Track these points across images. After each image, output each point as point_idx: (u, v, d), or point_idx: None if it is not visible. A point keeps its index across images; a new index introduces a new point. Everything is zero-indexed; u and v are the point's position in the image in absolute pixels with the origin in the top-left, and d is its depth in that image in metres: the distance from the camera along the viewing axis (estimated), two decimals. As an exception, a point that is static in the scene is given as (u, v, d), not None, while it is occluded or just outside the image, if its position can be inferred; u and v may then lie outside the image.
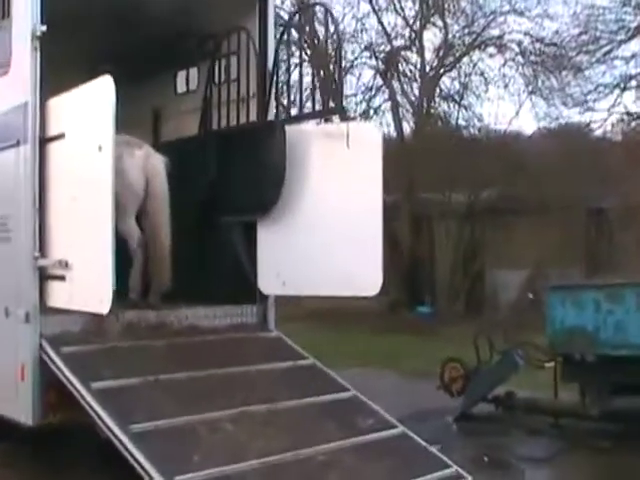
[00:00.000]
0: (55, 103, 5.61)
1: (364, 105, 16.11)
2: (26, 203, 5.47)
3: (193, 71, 7.64)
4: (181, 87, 7.76)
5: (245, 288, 6.71)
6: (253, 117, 6.77)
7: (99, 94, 5.12)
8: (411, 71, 15.83)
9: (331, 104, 6.49)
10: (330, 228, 6.32)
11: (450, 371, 7.75)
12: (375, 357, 11.30)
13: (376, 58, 15.54)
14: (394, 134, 16.27)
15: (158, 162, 6.30)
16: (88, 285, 5.15)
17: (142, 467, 4.42)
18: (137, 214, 6.26)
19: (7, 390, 5.66)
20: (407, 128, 16.19)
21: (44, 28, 5.47)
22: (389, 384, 9.28)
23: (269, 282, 6.66)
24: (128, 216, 6.16)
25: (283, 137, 6.38)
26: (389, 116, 16.33)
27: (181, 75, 7.74)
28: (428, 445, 5.49)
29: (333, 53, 6.22)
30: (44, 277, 5.49)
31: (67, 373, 5.16)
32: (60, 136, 5.44)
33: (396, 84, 15.55)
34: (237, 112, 6.83)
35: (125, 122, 7.71)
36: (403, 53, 15.79)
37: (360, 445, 5.26)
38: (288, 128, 6.46)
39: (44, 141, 5.53)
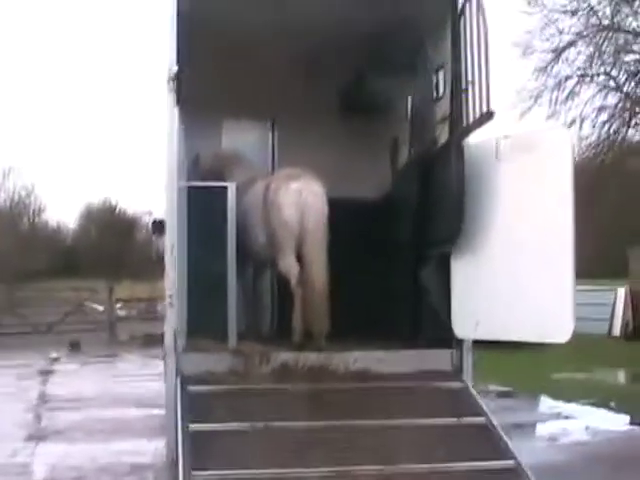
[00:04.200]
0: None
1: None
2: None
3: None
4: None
5: (437, 330, 5.96)
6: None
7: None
8: None
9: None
10: (520, 261, 5.37)
11: None
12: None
13: None
14: None
15: (313, 196, 5.92)
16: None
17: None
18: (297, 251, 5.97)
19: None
20: None
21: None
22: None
23: (463, 324, 5.83)
24: (286, 253, 5.90)
25: (459, 157, 5.58)
26: None
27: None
28: None
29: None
30: None
31: (178, 412, 5.11)
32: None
33: None
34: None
35: (361, 152, 7.64)
36: None
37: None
38: (470, 145, 5.66)
39: None
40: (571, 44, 13.69)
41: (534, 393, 12.37)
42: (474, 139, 5.72)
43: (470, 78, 5.48)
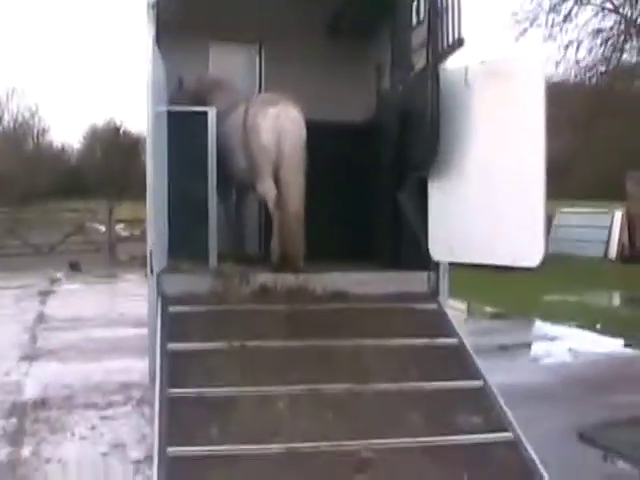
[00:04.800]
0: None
1: None
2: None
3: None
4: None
5: (415, 253, 6.06)
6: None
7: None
8: None
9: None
10: (493, 187, 5.46)
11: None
12: None
13: None
14: None
15: (290, 120, 5.95)
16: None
17: (153, 430, 4.34)
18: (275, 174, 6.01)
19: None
20: None
21: None
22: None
23: (438, 247, 5.92)
24: (264, 177, 5.97)
25: (434, 82, 5.57)
26: None
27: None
28: (539, 462, 4.36)
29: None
30: None
31: (158, 332, 5.24)
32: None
33: None
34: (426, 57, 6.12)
35: (346, 76, 7.61)
36: None
37: (435, 447, 4.42)
38: (447, 71, 5.64)
39: None
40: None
41: (525, 315, 12.57)
42: (451, 65, 5.72)
43: (444, 4, 5.44)
